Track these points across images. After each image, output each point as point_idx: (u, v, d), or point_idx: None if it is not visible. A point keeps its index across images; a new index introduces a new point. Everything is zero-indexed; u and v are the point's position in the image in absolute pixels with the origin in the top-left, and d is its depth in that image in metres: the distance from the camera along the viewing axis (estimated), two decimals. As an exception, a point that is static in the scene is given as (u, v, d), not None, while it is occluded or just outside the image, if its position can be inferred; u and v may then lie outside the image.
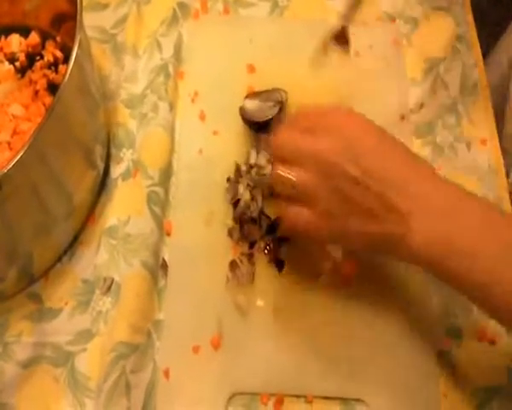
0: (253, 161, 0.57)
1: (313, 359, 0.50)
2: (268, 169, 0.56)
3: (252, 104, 0.58)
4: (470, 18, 0.68)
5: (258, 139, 0.58)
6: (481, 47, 0.66)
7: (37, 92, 0.59)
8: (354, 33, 0.64)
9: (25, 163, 0.41)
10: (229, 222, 0.55)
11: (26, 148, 0.41)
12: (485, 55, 0.66)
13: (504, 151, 0.61)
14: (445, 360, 0.51)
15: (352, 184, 0.41)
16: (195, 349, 0.51)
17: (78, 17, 0.48)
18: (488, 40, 0.67)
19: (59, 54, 0.61)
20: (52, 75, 0.60)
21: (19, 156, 0.41)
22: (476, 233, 0.41)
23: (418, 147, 0.60)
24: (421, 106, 0.62)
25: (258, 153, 0.57)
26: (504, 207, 0.57)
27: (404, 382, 0.50)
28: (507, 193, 0.58)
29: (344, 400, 0.50)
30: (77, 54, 0.46)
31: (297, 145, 0.44)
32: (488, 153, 0.60)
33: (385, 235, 0.42)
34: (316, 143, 0.43)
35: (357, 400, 0.50)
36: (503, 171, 0.59)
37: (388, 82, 0.58)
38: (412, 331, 0.51)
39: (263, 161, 0.57)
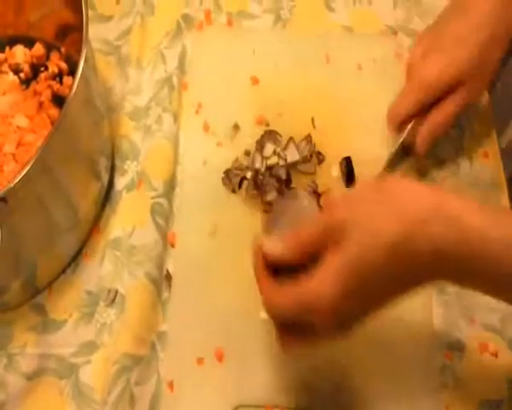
0: (257, 165, 0.58)
1: (317, 372, 0.51)
2: (273, 160, 0.58)
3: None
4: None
5: None
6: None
7: (41, 104, 0.59)
8: (357, 47, 0.66)
9: (31, 177, 0.42)
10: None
11: (32, 162, 0.41)
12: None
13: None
14: (447, 373, 0.51)
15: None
16: (199, 361, 0.51)
17: (84, 31, 0.48)
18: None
19: (63, 65, 0.61)
20: (56, 86, 0.60)
21: (25, 171, 0.41)
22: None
23: (420, 160, 0.60)
24: (423, 119, 0.62)
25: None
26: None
27: (406, 394, 0.50)
28: (509, 205, 0.58)
29: (347, 413, 0.50)
30: (83, 67, 0.46)
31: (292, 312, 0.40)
32: (490, 166, 0.60)
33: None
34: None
35: (361, 412, 0.50)
36: (505, 184, 0.60)
37: (390, 95, 0.58)
38: (414, 345, 0.52)
39: (270, 151, 0.58)
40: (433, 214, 0.37)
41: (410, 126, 0.55)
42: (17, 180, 0.41)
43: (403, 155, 0.56)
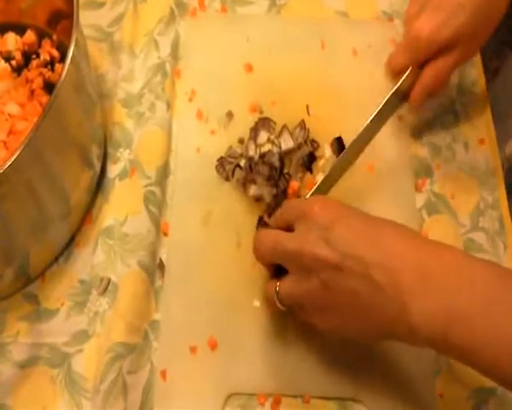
0: (251, 153, 0.57)
1: (310, 359, 0.51)
2: (267, 147, 0.57)
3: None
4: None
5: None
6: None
7: (33, 91, 0.59)
8: (353, 33, 0.65)
9: (21, 163, 0.41)
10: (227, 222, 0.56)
11: (22, 147, 0.41)
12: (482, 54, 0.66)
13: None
14: (441, 361, 0.51)
15: (333, 271, 0.40)
16: (192, 350, 0.51)
17: (74, 16, 0.47)
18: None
19: (55, 52, 0.61)
20: (48, 74, 0.60)
21: (15, 156, 0.41)
22: (483, 301, 0.36)
23: (416, 147, 0.60)
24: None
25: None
26: (501, 206, 0.57)
27: (400, 382, 0.50)
28: (505, 193, 0.58)
29: (341, 400, 0.50)
30: (73, 53, 0.45)
31: (276, 245, 0.44)
32: (486, 153, 0.60)
33: (379, 319, 0.40)
34: (291, 240, 0.43)
35: (355, 400, 0.50)
36: (501, 170, 0.59)
37: (386, 81, 0.57)
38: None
39: (264, 138, 0.58)
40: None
41: (405, 75, 0.54)
42: (7, 165, 0.40)
43: (399, 100, 0.55)
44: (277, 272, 0.46)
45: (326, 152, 0.59)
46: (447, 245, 0.40)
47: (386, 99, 0.53)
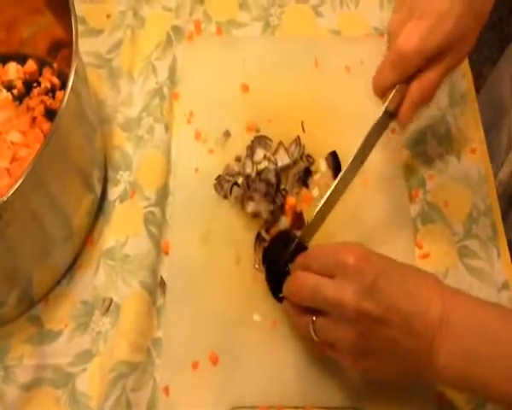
0: (248, 170, 0.58)
1: (311, 370, 0.51)
2: (264, 164, 0.58)
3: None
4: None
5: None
6: (468, 56, 0.67)
7: (34, 119, 0.60)
8: (345, 50, 0.66)
9: (24, 190, 0.42)
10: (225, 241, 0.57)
11: (24, 175, 0.42)
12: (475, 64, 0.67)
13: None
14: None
15: (375, 323, 0.42)
16: (194, 365, 0.51)
17: (73, 46, 0.48)
18: (477, 47, 0.67)
19: (56, 80, 0.62)
20: (49, 101, 0.61)
21: (18, 184, 0.42)
22: (495, 344, 0.41)
23: (408, 159, 0.61)
24: (411, 118, 0.63)
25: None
26: (494, 213, 0.58)
27: (400, 388, 0.50)
28: (497, 201, 0.59)
29: (342, 409, 0.50)
30: (73, 81, 0.46)
31: (317, 291, 0.44)
32: (478, 162, 0.61)
33: (411, 364, 0.43)
34: (333, 289, 0.43)
35: (356, 408, 0.50)
36: (493, 178, 0.60)
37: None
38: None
39: (260, 156, 0.59)
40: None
41: (392, 93, 0.51)
42: (10, 193, 0.41)
43: (388, 119, 0.52)
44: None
45: (321, 167, 0.60)
46: (462, 292, 0.43)
47: (375, 122, 0.52)
